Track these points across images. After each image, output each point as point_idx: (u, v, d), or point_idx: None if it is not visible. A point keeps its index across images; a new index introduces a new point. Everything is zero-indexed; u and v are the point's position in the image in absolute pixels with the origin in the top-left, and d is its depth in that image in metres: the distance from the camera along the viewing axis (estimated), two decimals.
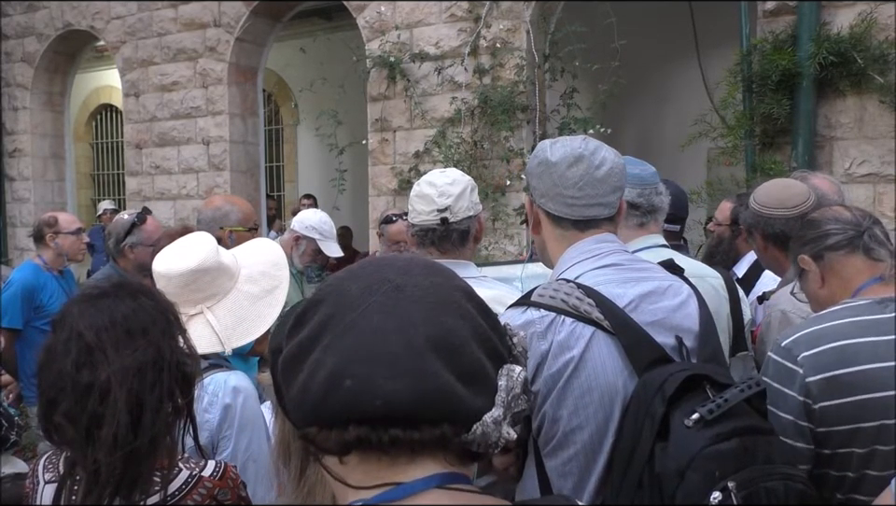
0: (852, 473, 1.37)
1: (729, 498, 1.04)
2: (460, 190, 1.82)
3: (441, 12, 5.32)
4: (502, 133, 4.97)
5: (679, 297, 1.36)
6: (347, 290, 0.71)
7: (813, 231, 1.55)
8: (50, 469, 1.25)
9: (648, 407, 1.17)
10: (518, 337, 0.75)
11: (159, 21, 6.78)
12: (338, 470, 0.71)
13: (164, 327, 1.19)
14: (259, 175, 6.85)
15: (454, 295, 0.72)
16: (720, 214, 3.25)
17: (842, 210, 1.58)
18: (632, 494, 1.16)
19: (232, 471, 1.28)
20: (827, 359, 1.37)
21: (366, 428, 0.66)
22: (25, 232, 7.60)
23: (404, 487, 0.67)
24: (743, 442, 1.10)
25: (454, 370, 0.67)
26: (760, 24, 4.29)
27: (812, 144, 4.08)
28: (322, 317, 0.71)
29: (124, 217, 2.98)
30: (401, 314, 0.68)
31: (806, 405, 1.36)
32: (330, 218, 3.41)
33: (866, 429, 1.33)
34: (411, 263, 0.74)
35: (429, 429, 0.66)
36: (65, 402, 1.12)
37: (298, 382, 0.70)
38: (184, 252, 1.60)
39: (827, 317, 1.44)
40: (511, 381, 0.70)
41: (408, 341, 0.67)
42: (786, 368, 1.39)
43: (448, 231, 1.82)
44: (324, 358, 0.68)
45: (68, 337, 1.14)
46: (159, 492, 1.16)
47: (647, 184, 1.90)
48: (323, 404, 0.67)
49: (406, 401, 0.65)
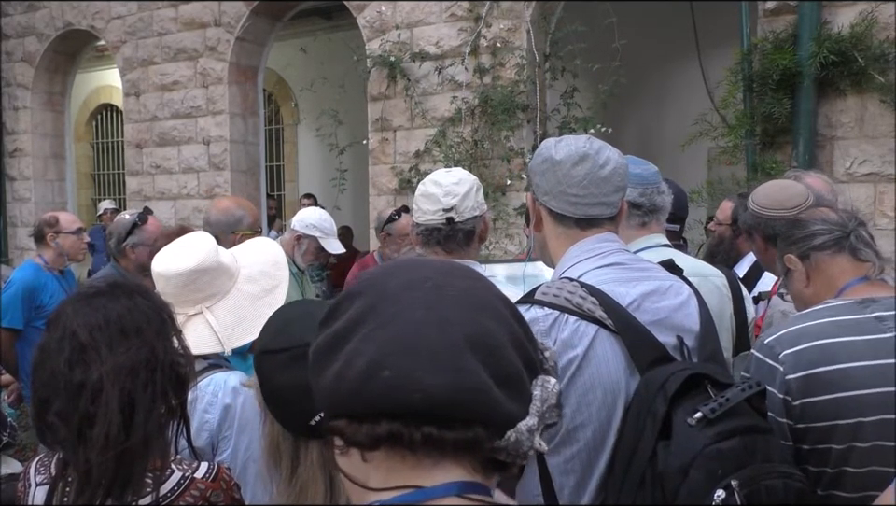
0: (830, 469, 1.39)
1: (732, 496, 1.05)
2: (466, 190, 1.81)
3: (442, 12, 5.32)
4: (502, 132, 4.97)
5: (679, 297, 1.37)
6: (386, 285, 0.71)
7: (800, 230, 1.58)
8: (42, 471, 1.24)
9: (650, 406, 1.17)
10: (550, 351, 0.75)
11: (159, 21, 6.79)
12: (356, 472, 0.70)
13: (159, 327, 1.19)
14: (260, 175, 6.85)
15: (491, 299, 0.72)
16: (720, 213, 3.24)
17: (829, 211, 1.61)
18: (634, 492, 1.16)
19: (226, 473, 1.26)
20: (808, 357, 1.40)
21: (399, 424, 0.65)
22: (26, 232, 7.61)
23: (424, 492, 0.66)
24: (743, 441, 1.11)
25: (490, 371, 0.66)
26: (760, 24, 4.28)
27: (813, 143, 4.08)
28: (360, 309, 0.70)
29: (125, 217, 2.98)
30: (441, 311, 0.68)
31: (786, 402, 1.39)
32: (330, 216, 3.41)
33: (843, 426, 1.36)
34: (449, 266, 0.75)
35: (462, 430, 0.65)
36: (58, 401, 1.12)
37: (332, 370, 0.69)
38: (183, 252, 1.60)
39: (809, 316, 1.47)
40: (545, 392, 0.70)
41: (448, 337, 0.66)
42: (767, 365, 1.43)
43: (454, 230, 1.81)
44: (362, 347, 0.67)
45: (62, 336, 1.14)
46: (151, 493, 1.15)
47: (649, 183, 1.90)
48: (359, 394, 0.66)
49: (444, 397, 0.64)
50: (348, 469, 0.70)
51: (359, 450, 0.68)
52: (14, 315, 3.30)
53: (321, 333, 0.73)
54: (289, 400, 1.02)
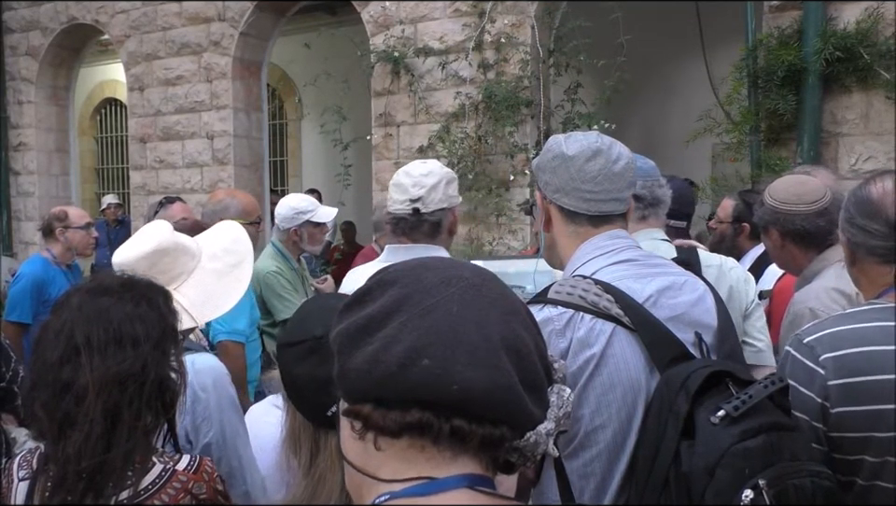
0: (862, 481, 1.32)
1: (760, 496, 1.03)
2: (434, 182, 1.83)
3: (446, 7, 5.31)
4: (506, 128, 4.97)
5: (696, 292, 1.35)
6: (423, 277, 0.71)
7: (862, 220, 1.39)
8: (25, 466, 1.24)
9: (671, 405, 1.15)
10: (560, 363, 0.76)
11: (163, 16, 6.78)
12: (365, 461, 0.70)
13: (157, 339, 1.18)
14: (263, 170, 6.85)
15: (520, 307, 0.73)
16: (721, 211, 3.25)
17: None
18: (658, 494, 1.13)
19: (208, 465, 1.25)
20: (850, 364, 1.30)
21: (430, 413, 0.65)
22: (30, 226, 7.63)
23: (437, 483, 0.66)
24: (769, 439, 1.08)
25: (519, 374, 0.68)
26: (765, 20, 4.28)
27: (818, 140, 4.07)
28: (396, 296, 0.70)
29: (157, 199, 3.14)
30: (479, 310, 0.69)
31: (824, 408, 1.31)
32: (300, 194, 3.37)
33: (880, 439, 1.29)
34: (481, 270, 0.75)
35: (490, 427, 0.66)
36: (44, 394, 1.13)
37: (364, 353, 0.68)
38: (140, 238, 1.62)
39: (852, 318, 1.37)
40: (561, 400, 0.72)
41: (486, 335, 0.67)
42: (806, 367, 1.33)
43: (419, 221, 1.83)
44: (400, 333, 0.67)
45: (60, 329, 1.15)
46: (131, 487, 1.14)
47: (650, 176, 1.89)
48: (394, 379, 0.66)
49: (480, 392, 0.65)
50: (357, 457, 0.70)
51: (379, 436, 0.68)
52: (23, 309, 3.31)
53: (349, 317, 0.72)
54: (308, 390, 1.03)
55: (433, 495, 0.66)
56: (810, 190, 1.92)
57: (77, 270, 3.68)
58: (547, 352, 0.75)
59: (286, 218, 3.20)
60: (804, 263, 1.95)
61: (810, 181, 1.97)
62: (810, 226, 1.89)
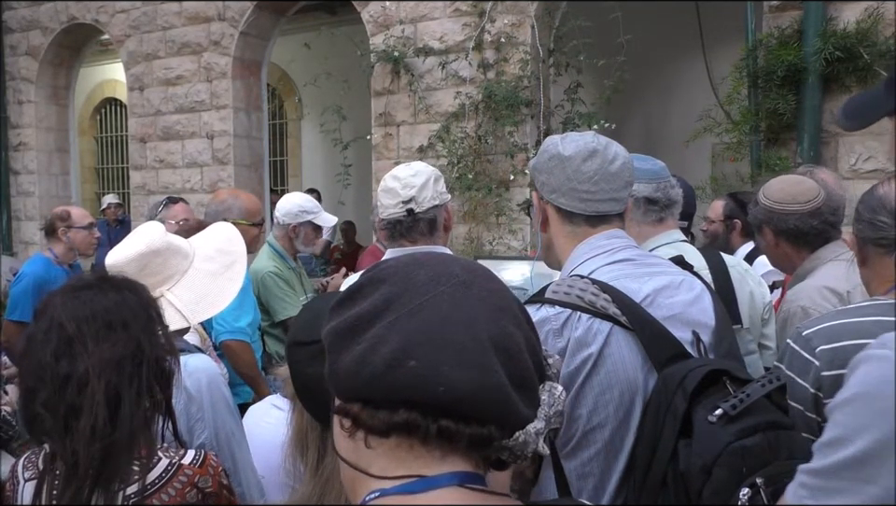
0: None
1: (758, 495, 1.03)
2: (423, 181, 1.84)
3: (446, 7, 5.32)
4: (506, 127, 4.97)
5: (693, 291, 1.35)
6: (413, 275, 0.71)
7: (868, 214, 1.44)
8: (30, 467, 1.24)
9: (669, 404, 1.15)
10: (553, 359, 0.76)
11: (163, 15, 6.79)
12: (357, 458, 0.70)
13: (145, 322, 1.19)
14: (263, 170, 6.86)
15: (511, 304, 0.73)
16: (712, 212, 3.33)
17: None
18: (655, 493, 1.14)
19: (213, 459, 1.26)
20: (845, 356, 1.30)
21: (417, 414, 0.66)
22: (30, 226, 7.64)
23: (427, 481, 0.67)
24: (767, 438, 1.09)
25: (508, 374, 0.67)
26: (765, 19, 4.28)
27: (818, 140, 4.08)
28: (386, 295, 0.70)
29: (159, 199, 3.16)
30: (468, 309, 0.69)
31: (817, 398, 1.35)
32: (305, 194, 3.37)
33: None
34: (474, 265, 0.75)
35: (477, 427, 0.66)
36: (44, 392, 1.13)
37: (353, 353, 0.69)
38: (131, 240, 1.62)
39: (851, 312, 1.41)
40: (552, 397, 0.72)
41: (474, 335, 0.67)
42: (803, 358, 1.37)
43: (415, 221, 1.84)
44: (388, 334, 0.68)
45: (49, 327, 1.15)
46: (138, 481, 1.15)
47: (661, 178, 1.88)
48: (381, 380, 0.66)
49: (467, 392, 0.65)
50: (349, 454, 0.71)
51: (368, 435, 0.68)
52: (24, 309, 3.31)
53: (340, 314, 0.72)
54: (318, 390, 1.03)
55: (423, 492, 0.66)
56: (804, 190, 1.93)
57: (78, 270, 3.69)
58: (540, 348, 0.74)
59: (288, 214, 3.19)
60: (797, 262, 1.97)
61: (804, 181, 1.98)
62: (803, 225, 1.90)
